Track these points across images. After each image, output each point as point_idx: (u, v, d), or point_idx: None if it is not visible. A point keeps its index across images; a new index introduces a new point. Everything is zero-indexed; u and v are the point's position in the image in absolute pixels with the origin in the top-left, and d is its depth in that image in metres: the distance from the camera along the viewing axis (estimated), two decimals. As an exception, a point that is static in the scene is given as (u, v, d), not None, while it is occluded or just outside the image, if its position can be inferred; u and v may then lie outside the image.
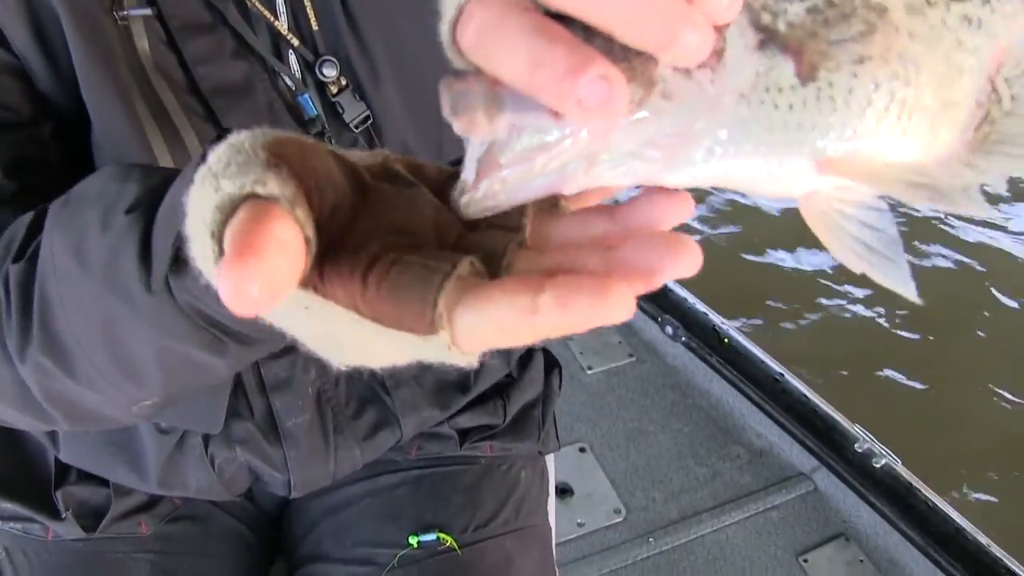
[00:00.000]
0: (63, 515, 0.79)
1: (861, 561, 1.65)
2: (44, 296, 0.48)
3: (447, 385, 0.89)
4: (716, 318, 2.00)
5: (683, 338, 2.01)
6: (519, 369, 0.97)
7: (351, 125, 0.71)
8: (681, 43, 0.26)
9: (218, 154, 0.31)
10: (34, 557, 0.82)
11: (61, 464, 0.80)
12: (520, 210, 0.32)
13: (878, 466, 1.71)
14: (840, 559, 1.65)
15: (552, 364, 1.03)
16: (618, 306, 0.26)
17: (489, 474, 0.95)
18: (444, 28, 0.28)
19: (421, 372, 0.86)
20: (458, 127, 0.29)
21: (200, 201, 0.30)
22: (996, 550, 1.57)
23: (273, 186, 0.28)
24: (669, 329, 2.04)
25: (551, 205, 0.34)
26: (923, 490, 1.67)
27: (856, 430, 1.76)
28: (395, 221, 0.33)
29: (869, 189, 0.32)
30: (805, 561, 1.64)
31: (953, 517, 1.62)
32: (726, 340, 1.97)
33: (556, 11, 0.26)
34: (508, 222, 0.32)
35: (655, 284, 0.28)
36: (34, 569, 0.82)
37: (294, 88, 0.69)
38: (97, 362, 0.48)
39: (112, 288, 0.44)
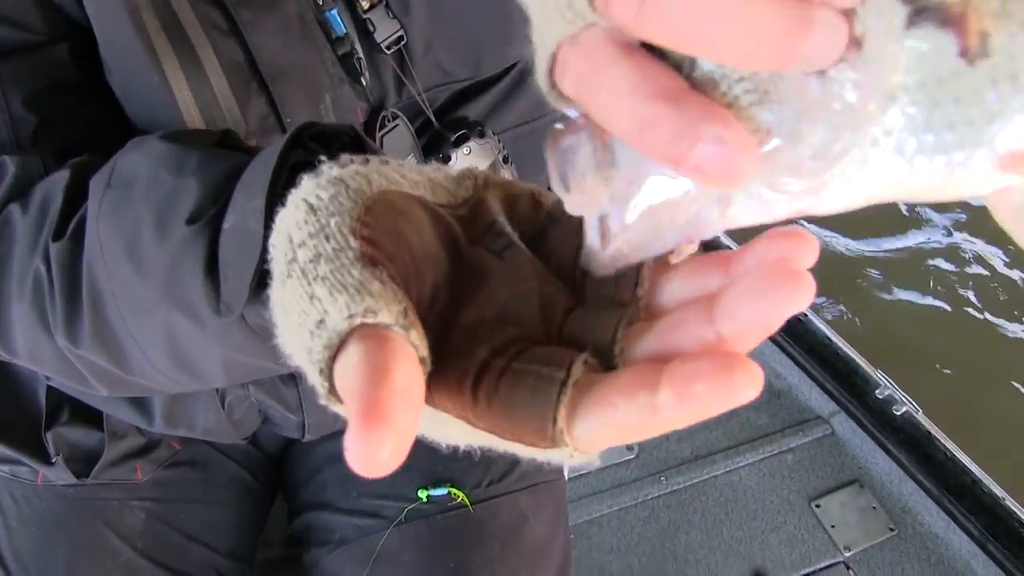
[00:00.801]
0: (53, 459, 0.74)
1: (874, 508, 1.62)
2: (94, 287, 0.46)
3: None
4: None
5: (703, 272, 1.94)
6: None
7: (382, 46, 0.65)
8: (806, 51, 0.20)
9: (300, 229, 0.28)
10: (23, 502, 0.78)
11: (53, 403, 0.75)
12: (634, 281, 0.29)
13: (898, 413, 1.66)
14: (853, 505, 1.62)
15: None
16: (745, 389, 0.23)
17: (504, 425, 0.90)
18: (541, 76, 0.26)
19: None
20: (571, 206, 0.26)
21: (292, 311, 0.27)
22: (1011, 503, 1.55)
23: (385, 315, 0.26)
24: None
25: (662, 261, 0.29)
26: (942, 440, 1.63)
27: (878, 375, 1.71)
28: (498, 302, 0.30)
29: None
30: (818, 506, 1.61)
31: (971, 469, 1.59)
32: (748, 275, 1.89)
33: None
34: (620, 295, 0.29)
35: (770, 333, 0.24)
36: (23, 514, 0.78)
37: (320, 2, 0.62)
38: (155, 360, 0.47)
39: (174, 301, 0.43)
